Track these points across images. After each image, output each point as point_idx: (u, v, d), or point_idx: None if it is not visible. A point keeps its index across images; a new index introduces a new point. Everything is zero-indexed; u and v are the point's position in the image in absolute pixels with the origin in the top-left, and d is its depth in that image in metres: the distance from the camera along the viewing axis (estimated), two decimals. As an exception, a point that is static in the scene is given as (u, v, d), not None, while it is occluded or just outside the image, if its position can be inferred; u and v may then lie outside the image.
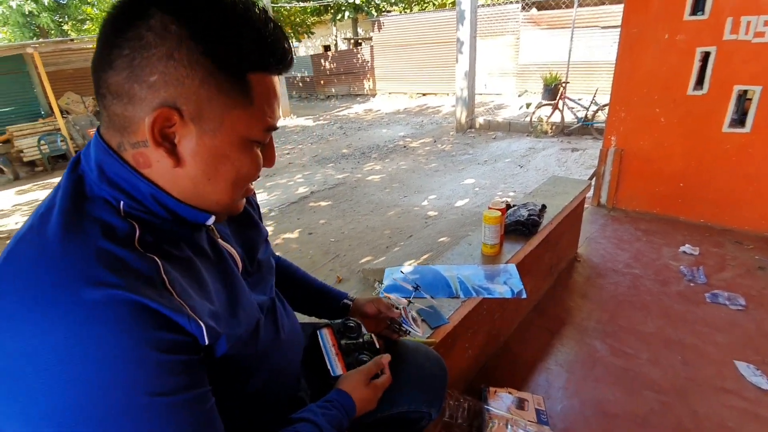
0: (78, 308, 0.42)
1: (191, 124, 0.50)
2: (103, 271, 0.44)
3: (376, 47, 13.67)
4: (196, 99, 0.49)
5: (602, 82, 7.92)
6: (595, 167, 3.75)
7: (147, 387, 0.45)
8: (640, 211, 3.10)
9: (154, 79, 0.47)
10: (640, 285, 2.22)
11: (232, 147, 0.53)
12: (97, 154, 0.52)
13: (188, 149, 0.51)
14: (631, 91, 2.92)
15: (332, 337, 0.88)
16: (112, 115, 0.50)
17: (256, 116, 0.53)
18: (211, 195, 0.55)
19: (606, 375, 1.64)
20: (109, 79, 0.48)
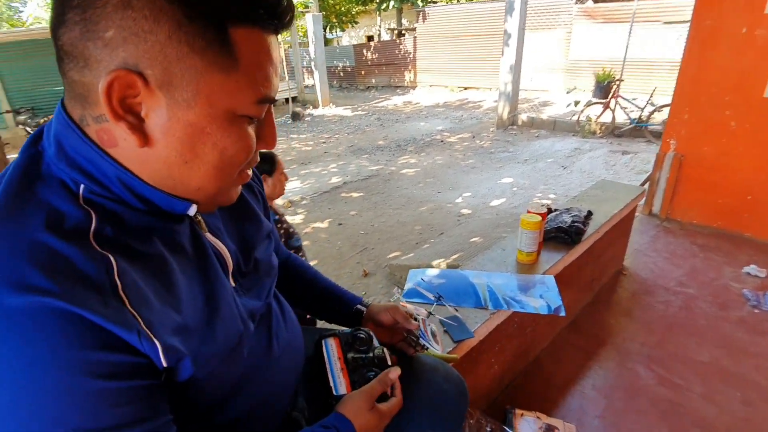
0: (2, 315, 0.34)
1: (159, 92, 0.40)
2: (34, 272, 0.36)
3: (419, 38, 13.41)
4: (162, 60, 0.39)
5: (660, 81, 7.37)
6: (647, 172, 3.45)
7: (75, 422, 0.36)
8: (697, 223, 2.81)
9: (110, 35, 0.38)
10: (695, 307, 1.98)
11: (213, 122, 0.43)
12: (57, 127, 0.43)
13: (158, 125, 0.41)
14: (697, 90, 2.62)
15: (339, 348, 0.78)
16: (72, 83, 0.41)
17: (244, 84, 0.43)
18: (190, 181, 0.46)
19: (650, 407, 1.46)
20: (62, 37, 0.40)
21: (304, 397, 0.73)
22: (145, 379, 0.41)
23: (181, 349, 0.43)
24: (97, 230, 0.41)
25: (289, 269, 0.90)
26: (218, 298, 0.51)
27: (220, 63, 0.41)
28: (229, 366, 0.51)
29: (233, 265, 0.58)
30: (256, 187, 0.72)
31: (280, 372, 0.63)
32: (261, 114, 0.47)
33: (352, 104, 11.87)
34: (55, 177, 0.42)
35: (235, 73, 0.42)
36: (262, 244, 0.67)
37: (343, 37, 21.26)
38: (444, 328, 1.18)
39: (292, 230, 1.84)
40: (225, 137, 0.44)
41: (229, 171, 0.47)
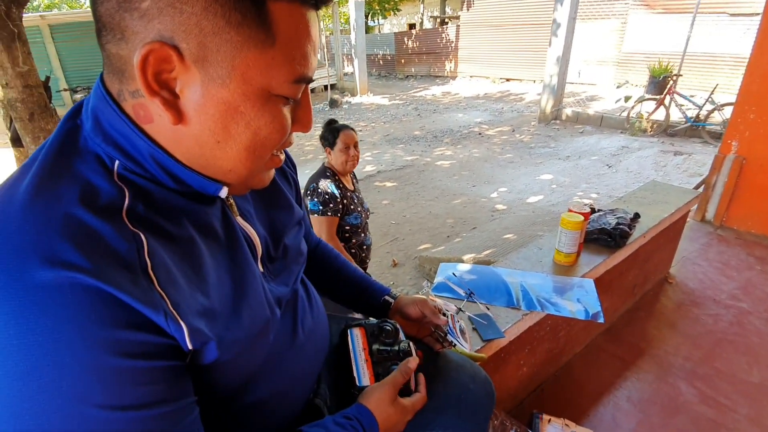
0: (22, 291, 0.33)
1: (194, 67, 0.39)
2: (67, 246, 0.35)
3: (462, 27, 13.08)
4: (198, 33, 0.37)
5: (723, 77, 6.85)
6: (701, 176, 3.22)
7: (100, 399, 0.35)
8: (756, 233, 2.59)
9: (147, 6, 0.36)
10: (747, 323, 1.84)
11: (248, 101, 0.41)
12: (95, 102, 0.42)
13: (192, 102, 0.40)
14: (766, 89, 2.40)
15: (364, 339, 0.76)
16: (110, 56, 0.40)
17: (280, 61, 0.41)
18: (222, 162, 0.44)
19: (690, 426, 1.36)
20: (100, 8, 0.38)
21: (327, 384, 0.72)
22: (169, 360, 0.40)
23: (207, 332, 0.42)
24: (129, 207, 0.40)
25: (318, 257, 0.89)
26: (246, 283, 0.50)
27: (257, 38, 0.39)
28: (253, 351, 0.50)
29: (262, 251, 0.58)
30: (290, 174, 0.71)
31: (304, 358, 0.62)
32: (297, 94, 0.45)
33: (390, 93, 11.79)
34: (91, 151, 0.42)
35: (272, 49, 0.40)
36: (293, 230, 0.66)
37: (385, 25, 21.06)
38: (473, 325, 1.14)
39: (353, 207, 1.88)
40: (259, 117, 0.42)
41: (262, 153, 0.46)
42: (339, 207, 1.81)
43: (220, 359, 0.45)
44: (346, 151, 1.85)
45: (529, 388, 1.47)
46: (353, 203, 1.90)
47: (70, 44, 8.75)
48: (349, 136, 1.85)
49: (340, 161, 1.84)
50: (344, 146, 1.84)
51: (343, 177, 1.90)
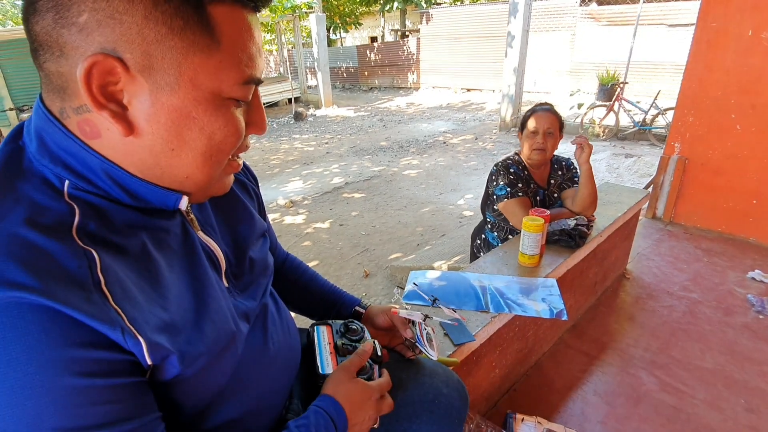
0: None
1: (140, 77, 0.39)
2: (12, 266, 0.34)
3: (423, 40, 13.41)
4: (141, 42, 0.37)
5: (664, 84, 7.34)
6: (650, 176, 3.43)
7: (56, 421, 0.35)
8: (702, 227, 2.79)
9: (84, 19, 0.36)
10: (699, 312, 1.96)
11: (199, 106, 0.41)
12: (38, 122, 0.42)
13: (142, 112, 0.40)
14: (702, 93, 2.60)
15: (330, 335, 0.76)
16: (49, 75, 0.40)
17: (227, 64, 0.42)
18: (178, 170, 0.44)
19: (653, 414, 1.44)
20: (35, 27, 0.38)
21: (299, 399, 0.72)
22: (128, 377, 0.39)
23: (167, 346, 0.42)
24: (80, 225, 0.40)
25: (286, 270, 0.89)
26: (208, 297, 0.49)
27: (201, 43, 0.40)
28: (219, 366, 0.50)
29: (226, 265, 0.57)
30: (250, 186, 0.70)
31: (275, 372, 0.62)
32: (248, 96, 0.45)
33: (354, 105, 11.87)
34: (37, 173, 0.41)
35: (218, 53, 0.41)
36: (257, 243, 0.65)
37: (347, 38, 21.26)
38: (445, 330, 1.16)
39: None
40: (212, 121, 0.43)
41: (219, 158, 0.46)
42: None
43: (184, 374, 0.44)
44: (533, 137, 1.67)
45: (502, 389, 1.51)
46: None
47: (16, 61, 8.30)
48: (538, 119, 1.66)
49: (528, 150, 1.69)
50: (532, 131, 1.67)
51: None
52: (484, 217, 1.96)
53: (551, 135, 1.68)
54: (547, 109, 1.70)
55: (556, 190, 1.82)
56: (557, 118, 1.70)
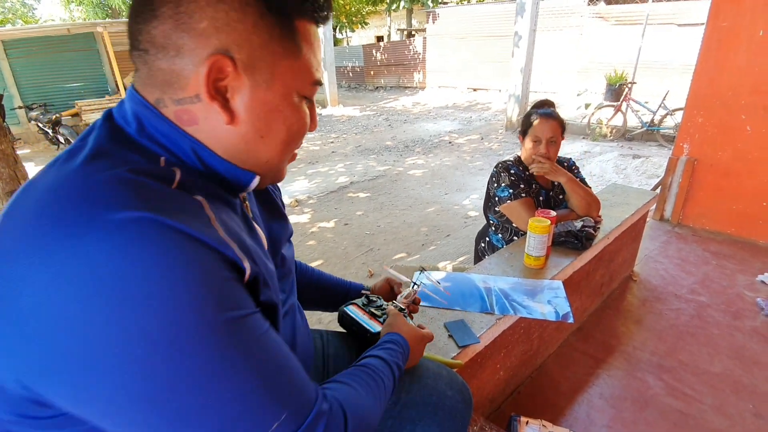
0: (115, 227, 0.37)
1: (244, 75, 0.47)
2: (134, 195, 0.39)
3: (429, 39, 13.38)
4: (248, 46, 0.46)
5: (673, 84, 7.27)
6: (658, 177, 3.40)
7: (220, 307, 0.40)
8: (710, 230, 2.75)
9: (204, 26, 0.44)
10: (707, 316, 1.94)
11: (284, 102, 0.50)
12: (135, 108, 0.48)
13: (241, 104, 0.48)
14: (712, 93, 2.57)
15: (360, 309, 0.90)
16: (154, 71, 0.46)
17: (304, 68, 0.51)
18: (262, 154, 0.52)
19: (660, 418, 1.42)
20: (153, 30, 0.44)
21: None
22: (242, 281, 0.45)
23: (261, 272, 0.48)
24: (181, 181, 0.45)
25: (299, 271, 0.96)
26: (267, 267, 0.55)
27: (290, 49, 0.49)
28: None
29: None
30: (278, 196, 0.77)
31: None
32: (314, 94, 0.55)
33: (360, 104, 11.87)
34: (140, 145, 0.47)
35: (300, 58, 0.50)
36: (286, 243, 0.72)
37: (353, 38, 21.26)
38: (449, 332, 1.15)
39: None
40: (292, 114, 0.51)
41: (292, 146, 0.55)
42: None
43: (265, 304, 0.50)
44: (536, 140, 1.65)
45: (507, 392, 1.50)
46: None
47: (25, 60, 8.38)
48: (537, 131, 1.64)
49: (528, 154, 1.68)
50: (534, 136, 1.65)
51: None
52: (487, 219, 1.95)
53: (554, 143, 1.66)
54: (550, 113, 1.67)
55: (561, 192, 1.80)
56: (560, 123, 1.67)
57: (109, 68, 8.93)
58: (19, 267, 0.37)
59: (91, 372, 0.37)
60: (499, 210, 1.74)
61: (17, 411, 0.41)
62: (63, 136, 7.60)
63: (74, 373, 0.37)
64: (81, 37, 8.65)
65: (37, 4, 18.54)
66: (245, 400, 0.41)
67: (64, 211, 0.38)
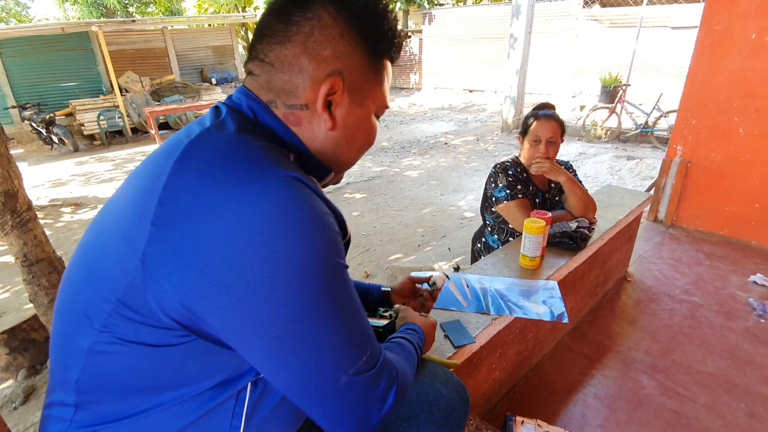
0: (282, 182, 0.49)
1: (346, 94, 0.60)
2: (283, 162, 0.53)
3: (425, 40, 13.40)
4: (354, 72, 0.60)
5: (667, 86, 7.32)
6: (653, 178, 3.43)
7: (336, 250, 0.51)
8: (704, 231, 2.78)
9: (327, 54, 0.58)
10: (700, 316, 1.95)
11: (368, 117, 0.65)
12: (250, 103, 0.60)
13: (341, 115, 0.61)
14: (705, 96, 2.59)
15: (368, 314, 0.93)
16: (275, 80, 0.59)
17: (382, 95, 0.66)
18: (344, 156, 0.66)
19: (654, 418, 1.43)
20: (284, 51, 0.58)
21: None
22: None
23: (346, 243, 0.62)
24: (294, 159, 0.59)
25: None
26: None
27: (377, 79, 0.64)
28: None
29: None
30: None
31: None
32: (382, 113, 0.69)
33: (356, 105, 11.85)
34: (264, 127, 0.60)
35: (381, 86, 0.65)
36: None
37: (349, 38, 21.27)
38: (444, 332, 1.16)
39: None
40: (371, 128, 0.66)
41: (364, 150, 0.68)
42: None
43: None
44: (539, 143, 1.66)
45: (502, 392, 1.50)
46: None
47: (19, 60, 8.31)
48: (536, 132, 1.65)
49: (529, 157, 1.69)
50: (534, 137, 1.66)
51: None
52: (484, 220, 1.96)
53: (553, 144, 1.66)
54: (550, 115, 1.68)
55: (557, 193, 1.82)
56: (560, 125, 1.68)
57: (104, 68, 8.87)
58: (206, 200, 0.47)
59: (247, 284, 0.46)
60: (496, 210, 1.75)
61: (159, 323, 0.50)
62: (57, 136, 7.54)
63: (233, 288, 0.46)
64: (75, 36, 8.59)
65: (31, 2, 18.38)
66: (351, 332, 0.53)
67: (243, 163, 0.49)
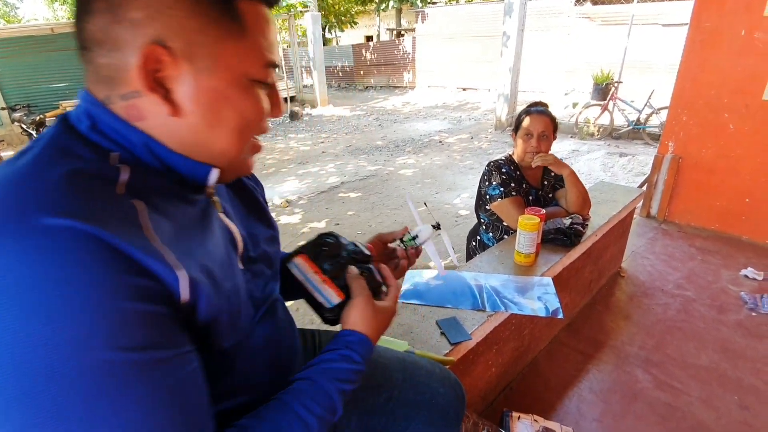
0: (32, 236, 0.35)
1: (184, 63, 0.44)
2: (68, 200, 0.38)
3: (418, 39, 13.41)
4: (184, 32, 0.43)
5: (659, 83, 7.39)
6: (645, 175, 3.46)
7: (103, 339, 0.36)
8: (695, 226, 2.81)
9: (137, 16, 0.42)
10: (693, 310, 1.98)
11: (233, 87, 0.47)
12: (87, 107, 0.47)
13: (185, 94, 0.45)
14: (696, 93, 2.62)
15: (310, 263, 0.68)
16: (98, 67, 0.45)
17: (253, 49, 0.48)
18: (215, 145, 0.49)
19: (648, 411, 1.44)
20: (90, 27, 0.43)
21: None
22: (168, 308, 0.41)
23: (202, 281, 0.45)
24: (128, 182, 0.44)
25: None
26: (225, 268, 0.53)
27: (232, 31, 0.46)
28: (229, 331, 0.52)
29: (242, 249, 0.60)
30: (259, 193, 0.73)
31: (277, 369, 0.63)
32: (269, 78, 0.51)
33: (350, 104, 11.85)
34: (90, 141, 0.45)
35: (245, 39, 0.47)
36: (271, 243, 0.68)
37: (342, 37, 21.21)
38: (441, 329, 1.16)
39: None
40: (243, 100, 0.48)
41: (248, 134, 0.51)
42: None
43: (208, 319, 0.47)
44: (529, 137, 1.68)
45: (499, 388, 1.51)
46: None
47: (8, 61, 8.20)
48: (529, 127, 1.67)
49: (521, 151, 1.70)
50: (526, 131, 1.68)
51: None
52: (478, 218, 1.96)
53: (545, 138, 1.68)
54: (542, 110, 1.70)
55: (550, 191, 1.83)
56: (551, 120, 1.71)
57: (95, 68, 8.77)
58: None
59: None
60: (490, 208, 1.76)
61: None
62: (47, 138, 7.45)
63: None
64: (65, 36, 8.49)
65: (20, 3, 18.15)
66: None
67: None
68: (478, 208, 1.93)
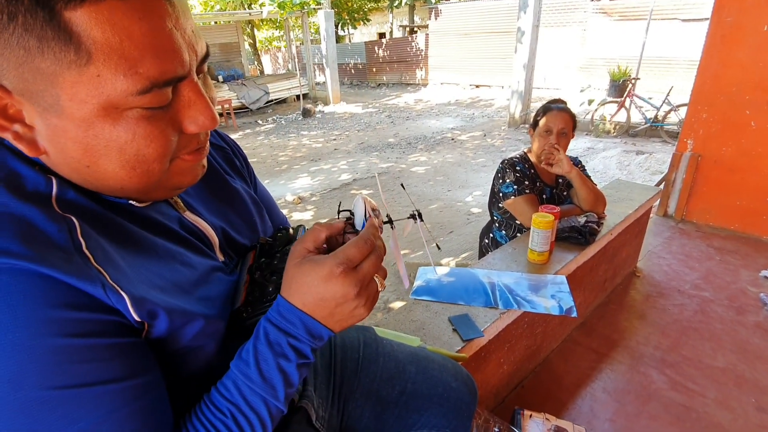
0: None
1: (25, 101, 0.37)
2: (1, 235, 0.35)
3: (431, 36, 13.34)
4: (8, 66, 0.35)
5: (677, 80, 7.23)
6: (662, 173, 3.39)
7: (37, 380, 0.35)
8: (714, 225, 2.75)
9: None
10: (710, 311, 1.94)
11: (94, 123, 0.37)
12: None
13: (42, 133, 0.39)
14: (716, 89, 2.56)
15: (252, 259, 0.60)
16: None
17: (108, 74, 0.35)
18: (108, 182, 0.42)
19: (663, 412, 1.43)
20: None
21: (312, 386, 0.73)
22: (114, 337, 0.39)
23: (152, 300, 0.42)
24: (58, 195, 0.40)
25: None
26: (198, 273, 0.50)
27: (66, 59, 0.34)
28: (211, 338, 0.49)
29: (219, 240, 0.57)
30: (237, 163, 0.69)
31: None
32: (159, 101, 0.39)
33: (362, 101, 11.86)
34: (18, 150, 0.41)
35: (91, 65, 0.35)
36: (247, 225, 0.64)
37: (355, 34, 21.21)
38: (453, 326, 1.17)
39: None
40: (117, 135, 0.38)
41: (145, 167, 0.41)
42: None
43: (173, 330, 0.44)
44: (548, 136, 1.65)
45: (511, 386, 1.51)
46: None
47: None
48: (549, 123, 1.64)
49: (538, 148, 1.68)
50: (546, 129, 1.65)
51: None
52: (491, 215, 1.96)
53: (565, 135, 1.66)
54: (562, 107, 1.68)
55: (565, 189, 1.81)
56: (571, 117, 1.68)
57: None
58: None
59: None
60: (503, 206, 1.75)
61: None
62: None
63: None
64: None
65: None
66: None
67: None
68: (491, 206, 1.92)
